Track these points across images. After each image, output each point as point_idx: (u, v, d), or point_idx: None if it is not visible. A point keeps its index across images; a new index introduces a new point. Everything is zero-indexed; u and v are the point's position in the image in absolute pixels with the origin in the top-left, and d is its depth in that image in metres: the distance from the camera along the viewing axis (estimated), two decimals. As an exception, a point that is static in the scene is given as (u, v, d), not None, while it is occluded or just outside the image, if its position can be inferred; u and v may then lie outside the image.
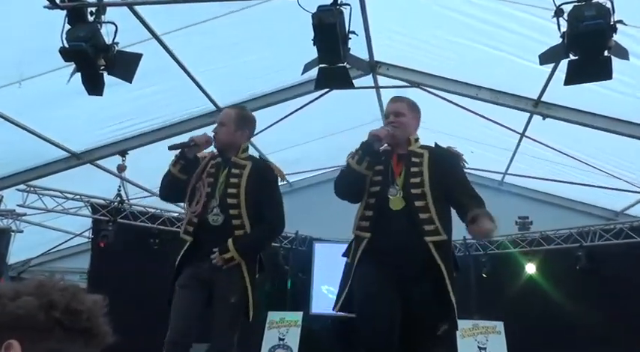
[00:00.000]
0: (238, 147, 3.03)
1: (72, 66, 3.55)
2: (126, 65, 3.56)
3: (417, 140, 2.84)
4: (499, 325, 8.06)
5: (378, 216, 2.60)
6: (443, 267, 2.48)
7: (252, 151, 8.15)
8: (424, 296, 2.44)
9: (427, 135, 3.02)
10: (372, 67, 5.92)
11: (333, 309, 2.62)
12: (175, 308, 2.80)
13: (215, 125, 3.12)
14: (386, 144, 2.74)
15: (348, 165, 2.67)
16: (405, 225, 2.54)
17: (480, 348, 8.03)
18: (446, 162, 2.75)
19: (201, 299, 2.82)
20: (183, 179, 2.92)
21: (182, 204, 3.16)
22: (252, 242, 2.95)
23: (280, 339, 8.33)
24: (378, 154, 2.71)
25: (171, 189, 3.01)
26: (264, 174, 2.98)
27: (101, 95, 3.65)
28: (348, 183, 2.71)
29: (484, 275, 8.46)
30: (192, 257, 2.87)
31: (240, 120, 3.04)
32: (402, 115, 2.78)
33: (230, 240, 2.82)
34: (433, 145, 2.90)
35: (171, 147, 2.97)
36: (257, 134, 6.75)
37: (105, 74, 3.56)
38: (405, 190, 2.64)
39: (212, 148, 3.13)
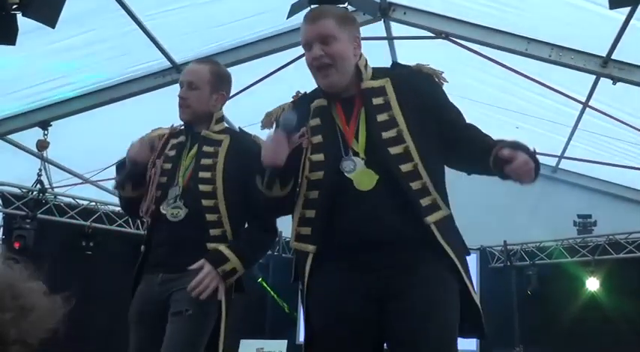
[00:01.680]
0: (211, 116, 2.94)
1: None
2: (47, 3, 3.52)
3: (366, 66, 2.35)
4: (549, 359, 8.14)
5: (331, 211, 2.21)
6: (455, 258, 2.15)
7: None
8: (427, 299, 2.11)
9: (459, 104, 2.69)
10: (384, 9, 5.88)
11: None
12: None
13: (178, 88, 2.97)
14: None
15: (263, 195, 2.34)
16: (386, 207, 2.17)
17: (523, 390, 8.11)
18: (419, 90, 2.29)
19: (158, 335, 2.65)
20: (141, 193, 2.89)
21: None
22: (254, 246, 2.90)
23: (257, 376, 8.38)
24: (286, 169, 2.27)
25: (133, 210, 2.98)
26: (249, 151, 2.70)
27: (14, 44, 3.62)
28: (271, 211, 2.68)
29: (530, 293, 8.51)
30: (146, 268, 2.81)
31: (216, 79, 2.93)
32: (331, 41, 2.25)
33: (223, 246, 2.71)
34: (388, 69, 2.48)
35: (116, 186, 2.98)
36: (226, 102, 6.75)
37: (19, 16, 3.52)
38: (375, 153, 2.21)
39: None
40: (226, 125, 3.11)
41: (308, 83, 2.41)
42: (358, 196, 2.16)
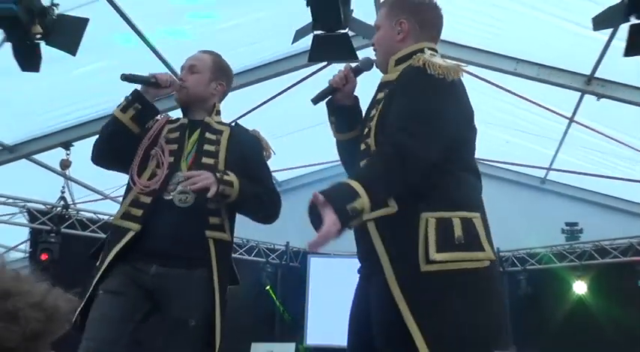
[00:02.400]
0: (211, 105, 2.74)
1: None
2: (68, 33, 3.53)
3: (400, 60, 2.13)
4: (541, 359, 8.09)
5: None
6: (384, 256, 1.88)
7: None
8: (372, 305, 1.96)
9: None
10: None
11: None
12: (95, 320, 2.29)
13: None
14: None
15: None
16: None
17: (516, 388, 8.06)
18: (401, 89, 2.03)
19: (139, 314, 2.38)
20: (135, 133, 2.57)
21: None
22: (255, 194, 2.60)
23: (268, 377, 8.34)
24: (347, 109, 2.27)
25: (114, 144, 2.58)
26: (250, 143, 2.69)
27: (37, 71, 3.62)
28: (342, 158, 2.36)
29: (522, 297, 8.47)
30: (133, 254, 2.42)
31: (217, 68, 2.77)
32: (378, 30, 2.24)
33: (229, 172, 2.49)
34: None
35: (126, 77, 2.57)
36: (235, 120, 6.75)
37: (42, 44, 3.53)
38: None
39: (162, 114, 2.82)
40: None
41: (311, 105, 2.40)
42: None
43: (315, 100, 2.29)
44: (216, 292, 2.42)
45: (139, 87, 2.62)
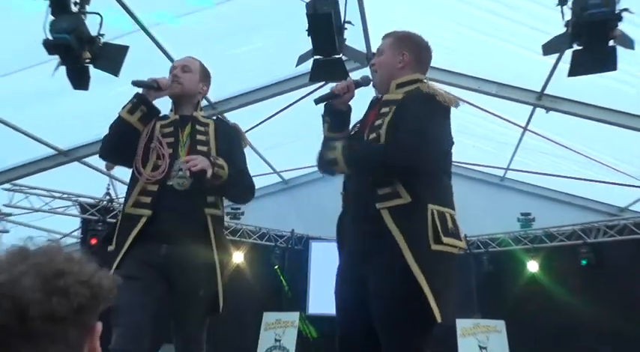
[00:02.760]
0: (196, 103, 2.65)
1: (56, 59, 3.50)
2: (112, 58, 3.51)
3: (401, 84, 2.20)
4: (500, 324, 8.06)
5: (346, 177, 2.28)
6: (400, 236, 1.92)
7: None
8: (378, 276, 1.99)
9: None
10: (370, 58, 5.84)
11: None
12: (124, 307, 2.12)
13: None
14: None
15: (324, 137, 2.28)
16: (362, 187, 2.10)
17: (480, 347, 8.03)
18: (411, 106, 2.10)
19: (159, 295, 2.29)
20: (140, 132, 2.47)
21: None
22: (239, 178, 2.52)
23: (277, 340, 8.31)
24: (342, 113, 2.27)
25: (122, 141, 2.47)
26: (233, 135, 2.61)
27: (87, 89, 3.61)
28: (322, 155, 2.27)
29: (485, 274, 8.46)
30: (144, 237, 2.31)
31: (204, 71, 2.69)
32: (380, 55, 2.32)
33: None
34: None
35: (134, 83, 2.49)
36: (251, 129, 6.76)
37: (91, 67, 3.51)
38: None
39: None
40: None
41: (313, 116, 2.40)
42: None
43: (317, 101, 2.28)
44: (216, 263, 2.36)
45: (140, 90, 2.55)
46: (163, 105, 2.66)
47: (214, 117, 2.70)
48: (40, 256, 0.81)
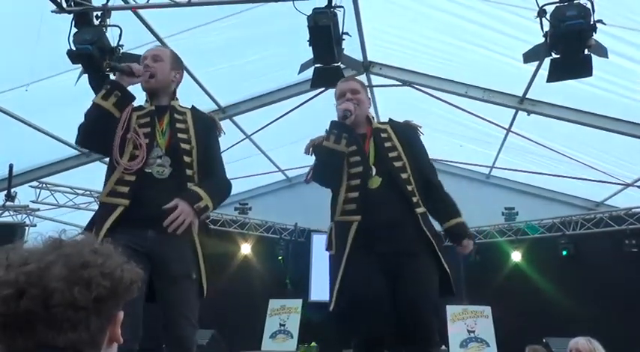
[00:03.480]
0: (172, 91, 2.45)
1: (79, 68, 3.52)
2: (130, 67, 3.52)
3: (373, 118, 2.63)
4: (487, 309, 8.09)
5: (364, 197, 2.32)
6: (432, 238, 2.32)
7: (251, 148, 8.07)
8: (419, 269, 2.25)
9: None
10: (366, 66, 5.90)
11: (330, 309, 2.27)
12: None
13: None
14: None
15: (325, 148, 2.35)
16: (392, 199, 2.27)
17: (469, 331, 8.06)
18: (408, 134, 2.53)
19: (146, 277, 2.08)
20: (116, 117, 2.26)
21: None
22: (219, 189, 2.38)
23: (281, 325, 8.34)
24: (352, 130, 2.44)
25: (99, 127, 2.25)
26: (210, 124, 2.46)
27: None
28: (332, 166, 2.37)
29: (472, 263, 8.47)
30: (127, 225, 2.16)
31: (175, 59, 2.50)
32: (357, 93, 2.52)
33: (197, 187, 2.26)
34: (387, 121, 2.67)
35: (111, 66, 2.28)
36: (256, 132, 6.78)
37: (111, 75, 3.53)
38: (382, 166, 2.39)
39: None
40: None
41: (314, 119, 2.44)
42: (372, 190, 2.36)
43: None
44: (198, 248, 2.24)
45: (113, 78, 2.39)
46: (138, 95, 2.45)
47: (189, 106, 2.51)
48: (69, 247, 0.81)
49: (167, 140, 2.30)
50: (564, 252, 7.57)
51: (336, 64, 3.70)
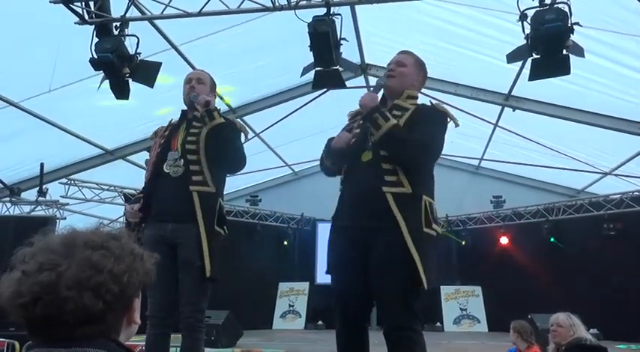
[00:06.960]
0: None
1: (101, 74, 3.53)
2: (148, 72, 3.54)
3: (410, 97, 2.19)
4: (478, 289, 8.12)
5: (349, 168, 2.15)
6: (402, 220, 1.93)
7: (260, 145, 8.05)
8: (381, 249, 1.96)
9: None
10: (363, 69, 5.89)
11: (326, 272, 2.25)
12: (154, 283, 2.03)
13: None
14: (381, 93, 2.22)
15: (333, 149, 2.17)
16: (369, 176, 2.03)
17: (461, 309, 8.10)
18: (422, 114, 2.11)
19: (175, 266, 2.23)
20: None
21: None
22: (232, 137, 2.42)
23: (290, 305, 8.41)
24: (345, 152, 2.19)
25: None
26: (225, 124, 2.46)
27: (127, 99, 3.64)
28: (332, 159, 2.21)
29: (464, 247, 8.50)
30: (155, 217, 2.28)
31: (213, 84, 2.62)
32: (402, 66, 2.22)
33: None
34: (419, 103, 2.25)
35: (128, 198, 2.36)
36: (265, 130, 6.79)
37: (130, 81, 3.55)
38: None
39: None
40: None
41: (317, 118, 2.41)
42: (361, 163, 2.07)
43: (376, 89, 2.19)
44: (203, 239, 2.25)
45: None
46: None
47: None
48: (81, 250, 0.79)
49: (179, 145, 2.39)
50: (551, 239, 7.56)
51: (335, 67, 3.69)
